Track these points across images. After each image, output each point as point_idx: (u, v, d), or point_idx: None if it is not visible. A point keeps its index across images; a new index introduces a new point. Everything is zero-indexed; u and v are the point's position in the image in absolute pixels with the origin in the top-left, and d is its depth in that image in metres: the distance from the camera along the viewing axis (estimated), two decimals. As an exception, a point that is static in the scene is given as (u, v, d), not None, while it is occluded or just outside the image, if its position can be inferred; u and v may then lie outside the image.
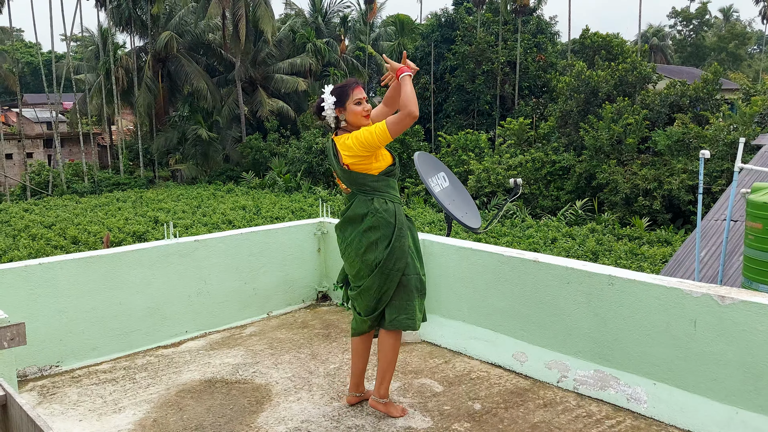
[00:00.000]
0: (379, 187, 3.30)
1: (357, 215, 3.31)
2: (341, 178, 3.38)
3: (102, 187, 35.64)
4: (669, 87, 26.06)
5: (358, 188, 3.31)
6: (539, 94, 34.03)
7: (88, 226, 24.01)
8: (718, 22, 68.57)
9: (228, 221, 24.27)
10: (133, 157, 40.32)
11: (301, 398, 3.66)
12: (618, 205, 23.40)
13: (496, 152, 28.45)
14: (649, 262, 17.60)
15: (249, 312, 4.99)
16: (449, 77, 34.88)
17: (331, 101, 3.30)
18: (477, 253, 4.26)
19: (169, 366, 4.16)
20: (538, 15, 36.24)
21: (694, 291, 3.26)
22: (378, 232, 3.26)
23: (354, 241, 3.31)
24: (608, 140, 24.25)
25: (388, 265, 3.26)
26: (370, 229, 3.27)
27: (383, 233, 3.26)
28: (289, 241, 5.19)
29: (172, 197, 31.11)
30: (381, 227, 3.26)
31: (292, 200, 28.87)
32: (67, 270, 4.14)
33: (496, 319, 4.20)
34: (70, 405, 3.65)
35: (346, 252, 3.38)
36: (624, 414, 3.40)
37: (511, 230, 21.84)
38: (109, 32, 38.08)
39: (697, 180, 20.64)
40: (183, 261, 4.61)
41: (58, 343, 4.12)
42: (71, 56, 42.36)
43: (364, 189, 3.30)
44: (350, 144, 3.23)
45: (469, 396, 3.65)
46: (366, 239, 3.27)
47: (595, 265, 3.79)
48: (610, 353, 3.63)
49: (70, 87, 40.89)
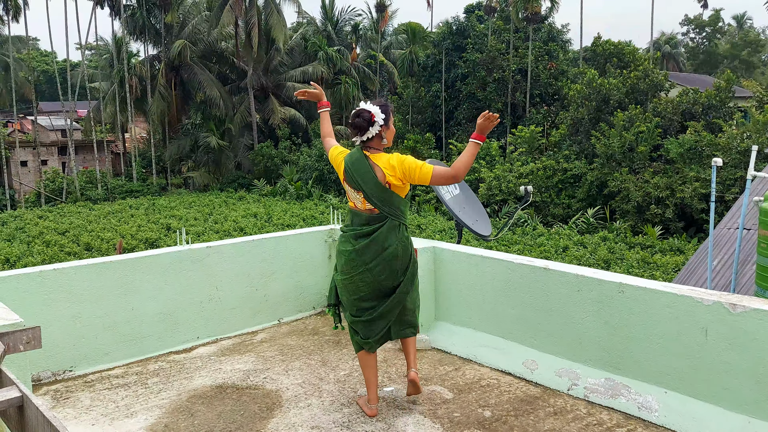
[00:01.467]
0: (405, 212, 3.41)
1: (381, 240, 3.32)
2: (372, 196, 3.32)
3: (115, 194, 35.97)
4: (681, 95, 25.92)
5: (389, 210, 3.33)
6: (550, 102, 33.96)
7: (101, 232, 24.22)
8: (732, 29, 68.18)
9: (239, 228, 24.39)
10: (146, 165, 40.67)
11: (312, 404, 3.67)
12: (630, 214, 23.26)
13: (507, 160, 28.41)
14: (661, 270, 17.46)
15: (260, 318, 5.02)
16: (460, 85, 34.92)
17: (381, 118, 3.34)
18: (487, 260, 4.26)
19: (180, 372, 4.20)
20: (549, 23, 36.22)
21: (705, 299, 3.24)
22: (402, 261, 3.38)
23: (376, 268, 3.33)
24: (620, 148, 24.14)
25: (404, 290, 3.41)
26: (396, 258, 3.35)
27: (404, 261, 3.39)
28: (300, 248, 5.22)
29: (184, 204, 31.32)
30: (405, 256, 3.39)
31: (303, 208, 28.96)
32: (81, 275, 4.19)
33: (507, 327, 4.20)
34: (82, 409, 3.69)
35: (362, 276, 3.35)
36: (635, 422, 3.39)
37: (522, 238, 21.77)
38: (124, 41, 38.52)
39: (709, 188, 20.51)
40: (195, 267, 4.65)
41: (72, 348, 4.16)
42: (86, 64, 42.90)
43: (395, 212, 3.35)
44: (395, 165, 3.30)
45: (479, 403, 3.65)
46: (390, 267, 3.35)
47: (605, 272, 3.78)
48: (620, 361, 3.62)
49: (84, 95, 41.41)
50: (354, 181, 3.37)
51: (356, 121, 3.32)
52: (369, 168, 3.32)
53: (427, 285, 4.59)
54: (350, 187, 3.40)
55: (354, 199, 3.42)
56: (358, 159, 3.38)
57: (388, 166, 3.31)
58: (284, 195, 32.88)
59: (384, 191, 3.31)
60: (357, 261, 3.35)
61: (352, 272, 3.38)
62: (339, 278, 3.46)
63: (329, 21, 44.04)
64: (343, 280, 3.42)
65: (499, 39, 34.64)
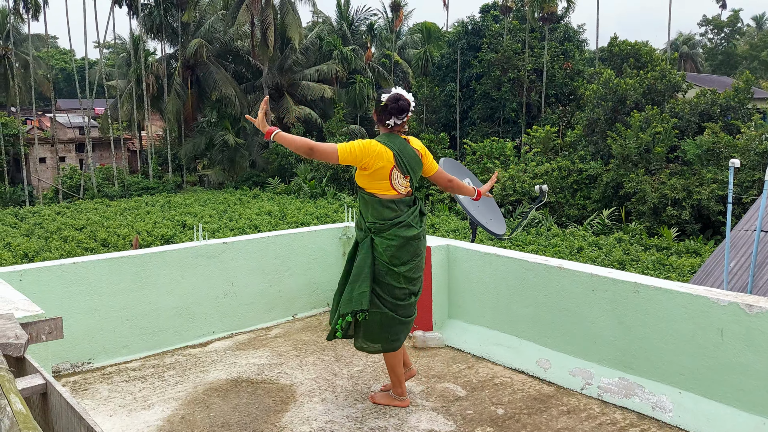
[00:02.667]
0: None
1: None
2: (415, 179, 3.44)
3: (131, 191, 36.32)
4: (699, 95, 25.67)
5: (416, 192, 3.51)
6: (566, 102, 33.78)
7: (117, 229, 24.48)
8: (751, 30, 67.33)
9: (254, 226, 24.53)
10: (162, 162, 41.03)
11: (325, 399, 3.71)
12: (646, 215, 23.08)
13: (521, 160, 28.31)
14: (677, 272, 17.31)
15: (274, 314, 5.07)
16: (475, 84, 34.84)
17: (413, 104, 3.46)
18: (501, 259, 4.27)
19: (196, 365, 4.25)
20: (565, 23, 36.04)
21: (721, 299, 3.23)
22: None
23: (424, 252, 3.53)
24: (636, 149, 23.95)
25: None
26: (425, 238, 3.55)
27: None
28: (315, 244, 5.26)
29: (199, 202, 31.55)
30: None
31: (317, 206, 29.06)
32: (100, 269, 4.25)
33: (520, 326, 4.20)
34: (101, 401, 3.75)
35: (422, 257, 3.47)
36: (649, 422, 3.38)
37: (536, 239, 21.68)
38: (141, 39, 38.89)
39: (727, 190, 20.31)
40: (211, 263, 4.71)
41: (90, 341, 4.23)
42: (103, 63, 43.35)
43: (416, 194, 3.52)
44: (422, 148, 3.51)
45: (492, 401, 3.66)
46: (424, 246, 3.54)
47: (620, 272, 3.77)
48: (634, 361, 3.61)
49: (102, 93, 41.83)
50: (404, 167, 3.35)
51: (400, 104, 3.35)
52: (413, 152, 3.41)
53: (440, 283, 4.61)
54: (399, 173, 3.33)
55: (399, 186, 3.35)
56: (402, 143, 3.38)
57: (421, 148, 3.46)
58: (298, 193, 33.02)
59: (421, 173, 3.50)
60: (423, 243, 3.46)
61: (417, 257, 3.41)
62: (402, 270, 3.33)
63: (344, 20, 44.14)
64: (409, 270, 3.36)
65: (515, 39, 34.51)
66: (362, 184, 3.39)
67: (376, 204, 3.35)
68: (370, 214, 3.37)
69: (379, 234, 3.35)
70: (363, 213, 3.43)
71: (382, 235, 3.34)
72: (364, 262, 3.34)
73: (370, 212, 3.37)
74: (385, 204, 3.35)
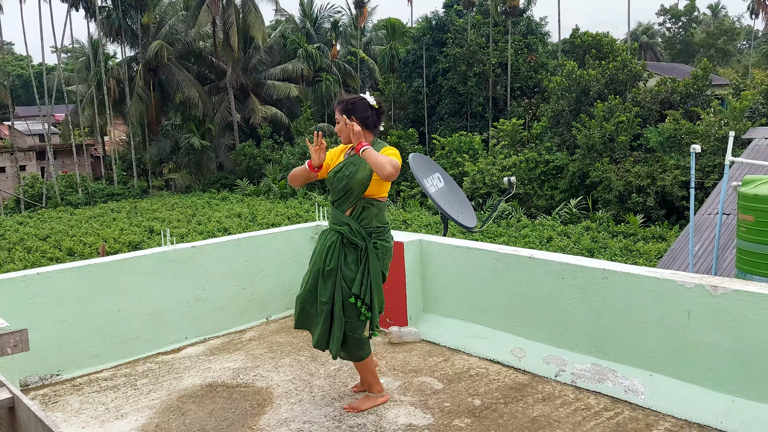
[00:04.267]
0: None
1: None
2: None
3: (96, 198, 35.57)
4: (659, 84, 26.20)
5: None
6: (531, 95, 34.15)
7: (83, 237, 23.96)
8: (707, 18, 68.97)
9: (224, 229, 24.26)
10: (127, 168, 40.27)
11: (303, 400, 3.69)
12: (612, 203, 23.50)
13: (490, 153, 28.54)
14: (644, 258, 17.68)
15: (248, 317, 5.02)
16: (441, 80, 34.98)
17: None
18: (473, 251, 4.30)
19: (169, 372, 4.18)
20: (528, 16, 36.38)
21: (687, 282, 3.30)
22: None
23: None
24: (600, 138, 24.36)
25: None
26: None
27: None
28: (286, 245, 5.22)
29: (166, 206, 31.07)
30: None
31: (287, 207, 28.87)
32: (66, 279, 4.15)
33: (494, 316, 4.24)
34: (72, 413, 3.67)
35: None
36: (622, 405, 3.44)
37: (506, 230, 21.90)
38: (100, 43, 38.07)
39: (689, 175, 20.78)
40: (181, 268, 4.64)
41: (59, 352, 4.13)
42: (62, 68, 42.33)
43: None
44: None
45: (469, 392, 3.69)
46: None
47: (589, 259, 3.83)
48: (606, 346, 3.68)
49: (61, 99, 40.83)
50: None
51: (382, 107, 3.42)
52: None
53: (414, 278, 4.62)
54: None
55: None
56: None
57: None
58: (268, 194, 32.75)
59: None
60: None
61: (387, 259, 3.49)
62: (386, 272, 3.44)
63: (308, 18, 43.88)
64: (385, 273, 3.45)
65: (479, 33, 34.74)
66: (374, 190, 3.36)
67: (383, 208, 3.44)
68: (376, 219, 3.37)
69: (381, 238, 3.39)
70: (365, 221, 3.35)
71: (384, 238, 3.41)
72: (376, 266, 3.36)
73: (376, 217, 3.38)
74: (385, 207, 3.47)
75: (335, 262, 3.35)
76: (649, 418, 3.30)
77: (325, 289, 3.35)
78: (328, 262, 3.35)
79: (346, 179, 3.32)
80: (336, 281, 3.34)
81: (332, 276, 3.34)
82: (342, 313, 3.32)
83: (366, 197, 3.35)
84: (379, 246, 3.37)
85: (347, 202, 3.36)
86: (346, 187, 3.33)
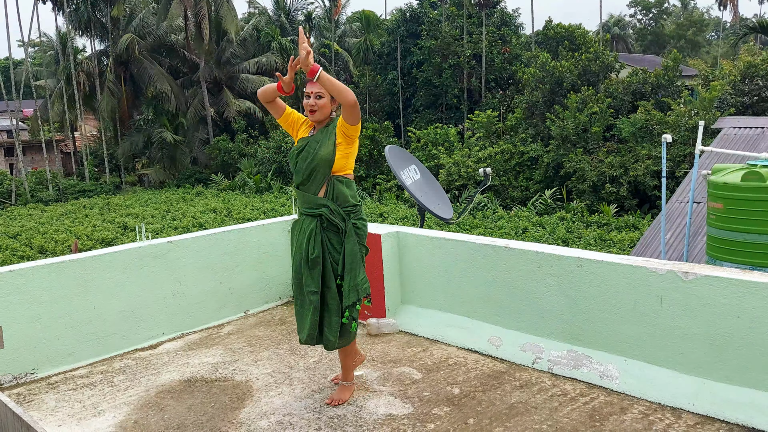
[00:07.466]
0: None
1: None
2: None
3: (67, 195, 34.91)
4: (631, 75, 26.56)
5: None
6: (505, 87, 34.34)
7: (55, 234, 23.52)
8: (677, 10, 70.03)
9: (199, 224, 24.01)
10: (99, 163, 39.56)
11: (283, 392, 3.69)
12: (586, 193, 23.81)
13: (465, 145, 28.68)
14: (617, 247, 17.96)
15: (226, 311, 4.99)
16: (416, 72, 34.99)
17: None
18: (450, 242, 4.33)
19: (147, 368, 4.15)
20: (501, 7, 36.53)
21: (659, 268, 3.38)
22: None
23: None
24: (574, 129, 24.63)
25: None
26: None
27: None
28: (263, 239, 5.20)
29: (140, 202, 30.64)
30: None
31: (263, 201, 28.68)
32: (39, 276, 4.09)
33: (472, 306, 4.28)
34: (48, 411, 3.62)
35: None
36: (597, 390, 3.51)
37: (482, 222, 22.06)
38: (68, 36, 37.26)
39: (661, 165, 21.13)
40: (157, 263, 4.59)
41: (33, 351, 4.07)
42: (30, 62, 41.36)
43: None
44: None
45: (448, 381, 3.73)
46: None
47: (564, 248, 3.89)
48: (581, 333, 3.74)
49: (29, 93, 39.92)
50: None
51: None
52: None
53: (392, 270, 4.64)
54: None
55: None
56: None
57: None
58: (243, 189, 32.48)
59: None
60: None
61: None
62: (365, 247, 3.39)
63: (281, 10, 43.48)
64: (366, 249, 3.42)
65: (453, 25, 34.79)
66: (340, 165, 3.25)
67: (353, 185, 3.35)
68: (351, 197, 3.28)
69: (359, 217, 3.32)
70: (341, 199, 3.25)
71: (361, 216, 3.34)
72: (354, 248, 3.26)
73: (350, 195, 3.29)
74: (354, 185, 3.39)
75: (319, 248, 3.23)
76: (624, 402, 3.37)
77: (311, 279, 3.23)
78: (311, 250, 3.22)
79: (311, 157, 3.22)
80: (325, 268, 3.24)
81: (318, 264, 3.23)
82: (338, 298, 3.25)
83: (335, 174, 3.26)
84: (360, 225, 3.31)
85: (315, 182, 3.25)
86: (310, 166, 3.23)
